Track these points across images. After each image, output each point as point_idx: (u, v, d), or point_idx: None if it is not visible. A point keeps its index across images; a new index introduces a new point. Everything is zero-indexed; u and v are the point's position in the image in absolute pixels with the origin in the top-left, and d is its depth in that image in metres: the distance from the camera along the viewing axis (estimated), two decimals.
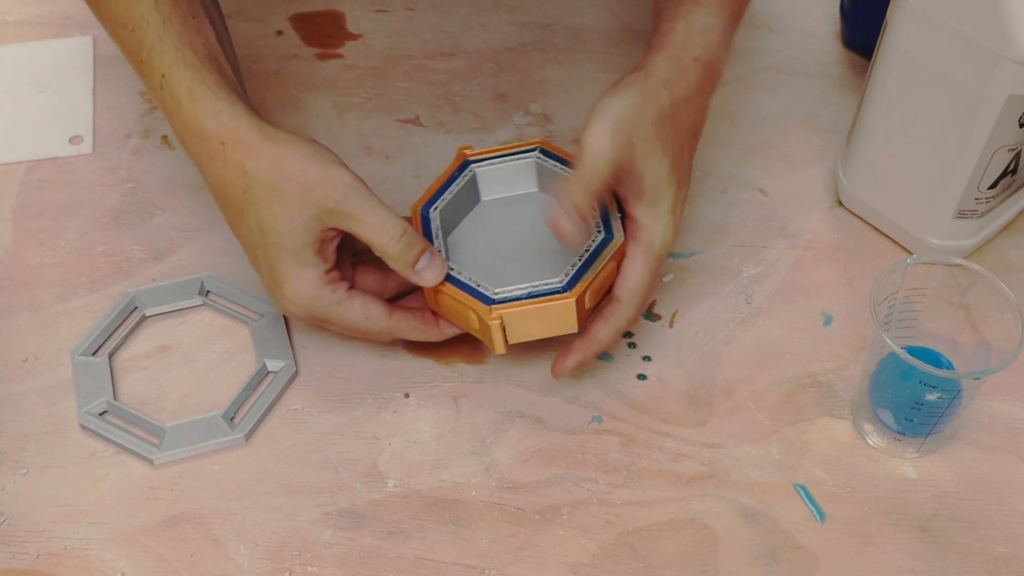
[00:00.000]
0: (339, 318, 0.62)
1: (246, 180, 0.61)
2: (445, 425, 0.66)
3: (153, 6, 0.63)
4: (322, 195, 0.60)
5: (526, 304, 0.61)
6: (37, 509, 0.62)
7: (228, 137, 0.61)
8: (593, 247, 0.63)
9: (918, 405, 0.61)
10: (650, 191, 0.62)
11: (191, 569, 0.60)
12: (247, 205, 0.61)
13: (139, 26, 0.62)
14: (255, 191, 0.60)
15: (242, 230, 0.62)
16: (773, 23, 0.89)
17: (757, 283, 0.73)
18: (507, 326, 0.61)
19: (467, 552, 0.61)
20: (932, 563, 0.61)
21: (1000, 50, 0.60)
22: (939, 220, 0.71)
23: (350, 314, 0.62)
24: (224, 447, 0.65)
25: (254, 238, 0.61)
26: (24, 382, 0.68)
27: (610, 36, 0.88)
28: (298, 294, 0.61)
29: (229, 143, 0.61)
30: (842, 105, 0.83)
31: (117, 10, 0.63)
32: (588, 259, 0.62)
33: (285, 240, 0.60)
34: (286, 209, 0.60)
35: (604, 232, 0.64)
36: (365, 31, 0.88)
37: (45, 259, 0.73)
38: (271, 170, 0.60)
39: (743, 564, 0.61)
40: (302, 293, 0.61)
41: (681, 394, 0.68)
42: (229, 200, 0.62)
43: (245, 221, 0.61)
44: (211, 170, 0.62)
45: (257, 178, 0.60)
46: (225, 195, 0.62)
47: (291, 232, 0.60)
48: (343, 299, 0.62)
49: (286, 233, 0.60)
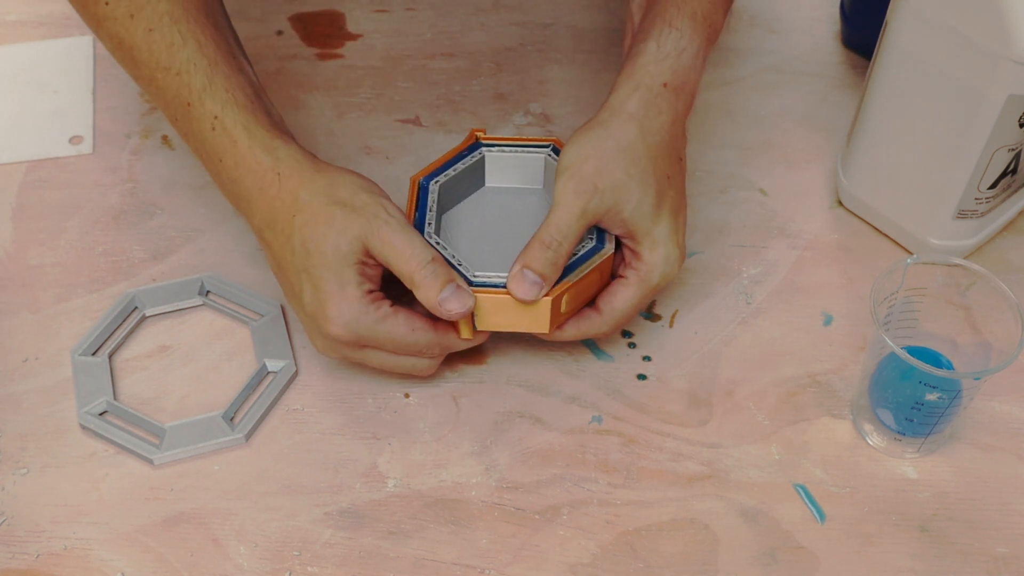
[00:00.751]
0: (385, 334, 0.61)
1: (296, 206, 0.61)
2: (445, 425, 0.66)
3: (198, 49, 0.64)
4: (365, 219, 0.61)
5: (502, 292, 0.61)
6: (37, 509, 0.62)
7: (284, 168, 0.62)
8: (581, 253, 0.63)
9: (918, 405, 0.61)
10: (639, 229, 0.63)
11: (191, 569, 0.60)
12: (295, 228, 0.61)
13: (185, 69, 0.64)
14: (304, 214, 0.61)
15: (285, 256, 0.62)
16: (773, 23, 0.90)
17: (757, 283, 0.73)
18: (477, 310, 0.62)
19: (467, 552, 0.61)
20: (932, 563, 0.61)
21: (1000, 50, 0.60)
22: (939, 220, 0.71)
23: (396, 329, 0.62)
24: (224, 447, 0.65)
25: (298, 261, 0.61)
26: (24, 382, 0.68)
27: (610, 36, 0.88)
28: (342, 313, 0.61)
29: (284, 174, 0.62)
30: (842, 105, 0.83)
31: (158, 55, 0.64)
32: (573, 264, 0.62)
33: (330, 259, 0.60)
34: (331, 229, 0.60)
35: (596, 241, 0.64)
36: (365, 31, 0.88)
37: (45, 259, 0.73)
38: (322, 194, 0.61)
39: (743, 564, 0.61)
40: (345, 312, 0.61)
41: (681, 394, 0.68)
42: (278, 227, 0.62)
43: (291, 245, 0.62)
44: (263, 201, 0.63)
45: (308, 202, 0.61)
46: (274, 222, 0.63)
47: (336, 250, 0.60)
48: (387, 315, 0.62)
49: (331, 252, 0.60)
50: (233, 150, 0.63)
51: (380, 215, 0.61)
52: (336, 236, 0.60)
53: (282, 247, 0.62)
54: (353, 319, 0.61)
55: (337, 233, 0.60)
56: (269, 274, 0.72)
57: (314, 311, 0.61)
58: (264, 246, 0.64)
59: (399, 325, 0.62)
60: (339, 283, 0.60)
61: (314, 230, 0.61)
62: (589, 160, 0.61)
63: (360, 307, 0.61)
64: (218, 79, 0.63)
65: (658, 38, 0.64)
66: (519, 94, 0.84)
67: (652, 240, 0.63)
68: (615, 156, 0.62)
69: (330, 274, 0.60)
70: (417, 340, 0.62)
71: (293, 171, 0.62)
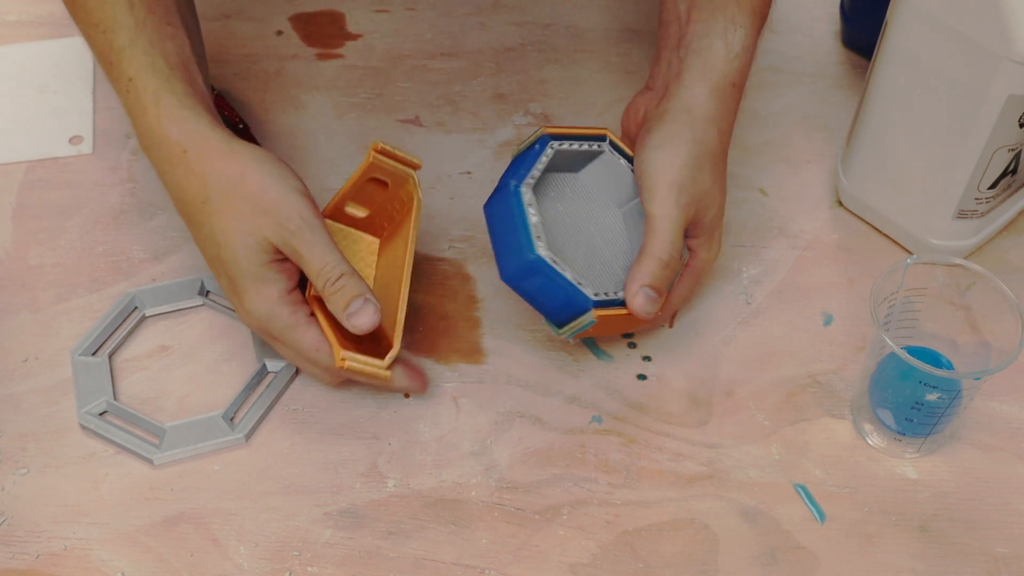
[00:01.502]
0: (292, 342, 0.61)
1: (205, 191, 0.60)
2: (445, 425, 0.66)
3: (127, 9, 0.62)
4: (275, 222, 0.59)
5: (619, 311, 0.62)
6: (37, 509, 0.62)
7: (191, 146, 0.60)
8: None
9: (918, 405, 0.61)
10: (708, 229, 0.65)
11: (191, 569, 0.60)
12: (205, 216, 0.60)
13: (111, 28, 0.62)
14: (213, 203, 0.60)
15: (200, 240, 0.62)
16: (773, 23, 0.90)
17: (757, 283, 0.73)
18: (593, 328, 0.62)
19: (467, 552, 0.61)
20: (932, 563, 0.61)
21: (1000, 50, 0.60)
22: (939, 220, 0.71)
23: (303, 341, 0.61)
24: (224, 447, 0.65)
25: (211, 250, 0.61)
26: (24, 382, 0.68)
27: (610, 36, 0.88)
28: (256, 308, 0.60)
29: (191, 152, 0.60)
30: (842, 105, 0.83)
31: (91, 11, 0.63)
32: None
33: (240, 257, 0.59)
34: (240, 226, 0.59)
35: None
36: (365, 31, 0.88)
37: (45, 259, 0.73)
38: (230, 185, 0.60)
39: (743, 564, 0.61)
40: (260, 308, 0.60)
41: (681, 394, 0.68)
42: (189, 209, 0.61)
43: (203, 232, 0.61)
44: (172, 178, 0.61)
45: (216, 190, 0.60)
46: (185, 203, 0.61)
47: (245, 250, 0.59)
48: (300, 323, 0.61)
49: (241, 251, 0.59)
50: (143, 117, 0.61)
51: (292, 219, 0.59)
52: (245, 236, 0.59)
53: (195, 231, 0.61)
54: (266, 317, 0.60)
55: (246, 233, 0.59)
56: None
57: (230, 296, 0.62)
58: (183, 220, 0.63)
59: (307, 339, 0.61)
60: (253, 279, 0.60)
61: (224, 223, 0.59)
62: (684, 169, 0.62)
63: (274, 308, 0.60)
64: (141, 42, 0.61)
65: (725, 36, 0.64)
66: (519, 94, 0.84)
67: (713, 240, 0.65)
68: (703, 163, 0.63)
69: (243, 271, 0.60)
70: (319, 361, 0.62)
71: (201, 150, 0.60)
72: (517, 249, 0.60)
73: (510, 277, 0.61)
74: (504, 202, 0.61)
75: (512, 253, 0.61)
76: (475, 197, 0.77)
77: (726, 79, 0.64)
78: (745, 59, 0.65)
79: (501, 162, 0.79)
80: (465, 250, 0.74)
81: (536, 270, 0.60)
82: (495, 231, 0.62)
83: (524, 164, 0.63)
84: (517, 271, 0.61)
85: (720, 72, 0.64)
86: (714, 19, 0.65)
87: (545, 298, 0.61)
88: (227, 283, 0.61)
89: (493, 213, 0.62)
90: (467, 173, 0.79)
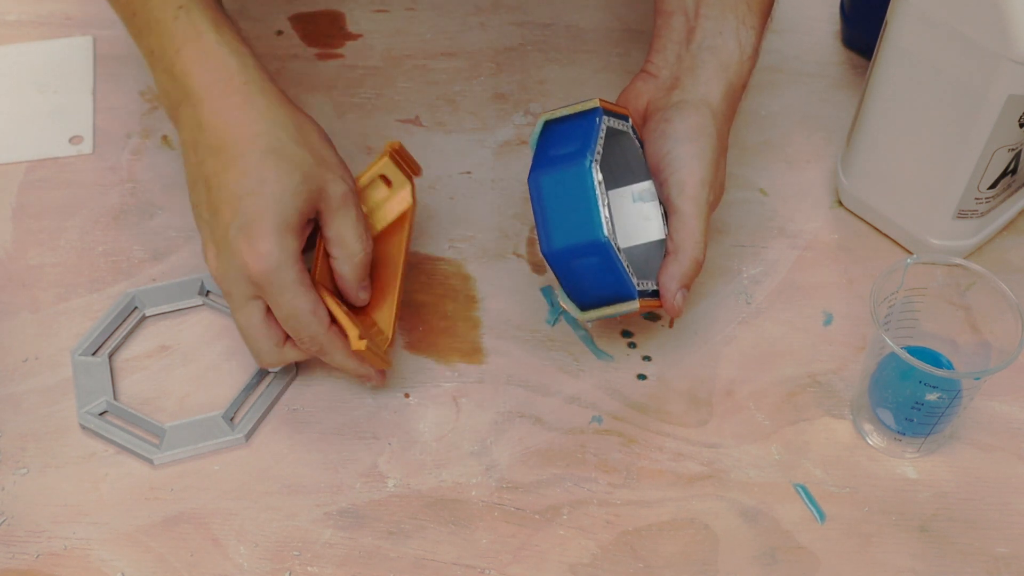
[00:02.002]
0: (292, 298, 0.59)
1: (264, 125, 0.58)
2: (445, 425, 0.66)
3: None
4: (333, 179, 0.59)
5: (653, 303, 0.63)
6: (37, 509, 0.62)
7: (252, 79, 0.59)
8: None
9: (918, 405, 0.61)
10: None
11: (191, 569, 0.60)
12: (255, 150, 0.58)
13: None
14: (269, 139, 0.58)
15: (232, 173, 0.58)
16: (773, 23, 0.89)
17: (757, 283, 0.73)
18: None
19: (467, 552, 0.61)
20: (932, 563, 0.61)
21: (1000, 50, 0.60)
22: (939, 220, 0.71)
23: (305, 300, 0.59)
24: (224, 447, 0.65)
25: (243, 184, 0.58)
26: (24, 382, 0.68)
27: (610, 36, 0.88)
28: (271, 255, 0.58)
29: (253, 85, 0.59)
30: (842, 105, 0.83)
31: None
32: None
33: (280, 200, 0.58)
34: (294, 173, 0.58)
35: None
36: (365, 31, 0.88)
37: (45, 259, 0.73)
38: (295, 129, 0.59)
39: (743, 564, 0.61)
40: (275, 255, 0.58)
41: (681, 394, 0.68)
42: (232, 138, 0.59)
43: (243, 165, 0.58)
44: (222, 105, 0.59)
45: (278, 127, 0.58)
46: (227, 133, 0.59)
47: (293, 195, 0.58)
48: (306, 283, 0.59)
49: (285, 195, 0.58)
50: (197, 42, 0.60)
51: (347, 180, 0.61)
52: (297, 183, 0.58)
53: (231, 161, 0.59)
54: (275, 266, 0.58)
55: (299, 180, 0.58)
56: None
57: (237, 240, 0.58)
58: (188, 147, 0.61)
59: (308, 300, 0.59)
60: (280, 227, 0.58)
61: (276, 162, 0.58)
62: (712, 166, 0.63)
63: (291, 260, 0.58)
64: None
65: (737, 36, 0.65)
66: (519, 94, 0.84)
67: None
68: (722, 161, 0.65)
69: (275, 215, 0.58)
70: (309, 324, 0.60)
71: (264, 88, 0.59)
72: (583, 227, 0.59)
73: (561, 252, 0.60)
74: (573, 177, 0.59)
75: (574, 229, 0.59)
76: (475, 197, 0.77)
77: (739, 79, 0.65)
78: (753, 61, 0.66)
79: (501, 162, 0.79)
80: (465, 250, 0.74)
81: (598, 251, 0.59)
82: (550, 203, 0.60)
83: (582, 136, 0.61)
84: (575, 248, 0.60)
85: (734, 72, 0.65)
86: (725, 17, 0.65)
87: (590, 279, 0.61)
88: (241, 223, 0.58)
89: (550, 184, 0.60)
90: (467, 173, 0.79)
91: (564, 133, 0.61)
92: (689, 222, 0.62)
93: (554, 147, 0.61)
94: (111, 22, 0.86)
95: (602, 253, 0.59)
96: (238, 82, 0.60)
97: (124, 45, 0.85)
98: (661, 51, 0.67)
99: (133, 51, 0.65)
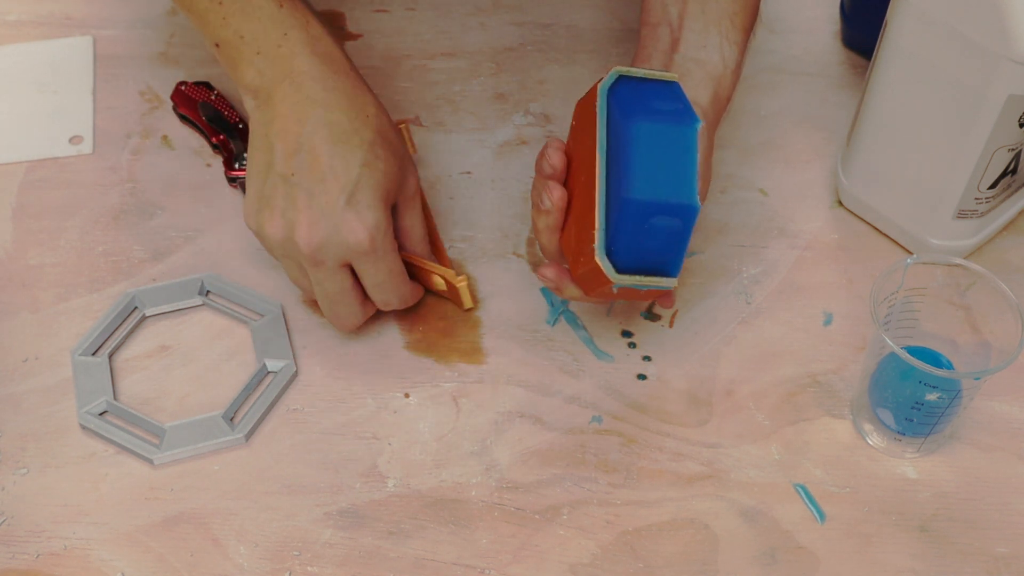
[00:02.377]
0: (389, 264, 0.64)
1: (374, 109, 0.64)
2: (445, 425, 0.66)
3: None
4: (413, 172, 0.66)
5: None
6: (37, 509, 0.62)
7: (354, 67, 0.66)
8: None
9: (918, 405, 0.61)
10: None
11: (191, 569, 0.60)
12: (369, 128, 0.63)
13: None
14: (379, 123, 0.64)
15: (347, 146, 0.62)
16: (773, 23, 0.89)
17: (757, 283, 0.73)
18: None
19: (467, 552, 0.61)
20: (932, 563, 0.61)
21: (1000, 50, 0.60)
22: (939, 220, 0.71)
23: (397, 265, 0.64)
24: (224, 447, 0.65)
25: (362, 157, 0.62)
26: (24, 382, 0.68)
27: (610, 36, 0.88)
28: (380, 223, 0.62)
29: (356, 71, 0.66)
30: (842, 105, 0.83)
31: None
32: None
33: (387, 176, 0.63)
34: (395, 158, 0.64)
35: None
36: (365, 31, 0.88)
37: (45, 259, 0.73)
38: (389, 121, 0.66)
39: (743, 564, 0.61)
40: (382, 224, 0.62)
41: (681, 394, 0.68)
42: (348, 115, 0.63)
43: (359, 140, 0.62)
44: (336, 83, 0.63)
45: (382, 114, 0.65)
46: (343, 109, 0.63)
47: (395, 177, 0.64)
48: (397, 250, 0.64)
49: (391, 174, 0.63)
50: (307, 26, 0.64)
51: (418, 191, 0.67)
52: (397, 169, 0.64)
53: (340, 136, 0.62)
54: (383, 233, 0.62)
55: (398, 167, 0.64)
56: (269, 274, 0.72)
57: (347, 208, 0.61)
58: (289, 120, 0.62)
59: (400, 264, 0.65)
60: (384, 200, 0.63)
61: (386, 147, 0.63)
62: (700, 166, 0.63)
63: (390, 229, 0.63)
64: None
65: (721, 51, 0.66)
66: (519, 94, 0.84)
67: None
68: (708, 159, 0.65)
69: (383, 189, 0.62)
70: (400, 284, 0.65)
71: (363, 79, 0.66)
72: (677, 187, 0.57)
73: (643, 205, 0.57)
74: (679, 134, 0.58)
75: (665, 187, 0.58)
76: (475, 197, 0.77)
77: (724, 91, 0.66)
78: (737, 75, 0.67)
79: (501, 162, 0.79)
80: (465, 250, 0.74)
81: (684, 215, 0.58)
82: (645, 153, 0.58)
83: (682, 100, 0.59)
84: (661, 205, 0.57)
85: (719, 83, 0.66)
86: (708, 32, 0.66)
87: (656, 242, 0.58)
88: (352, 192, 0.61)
89: (651, 134, 0.58)
90: (467, 173, 0.79)
91: (655, 92, 0.60)
92: None
93: (651, 101, 0.59)
94: (111, 22, 0.87)
95: (687, 219, 0.58)
96: (347, 67, 0.65)
97: (124, 45, 0.85)
98: (647, 60, 0.67)
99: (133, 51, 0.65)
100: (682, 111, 0.59)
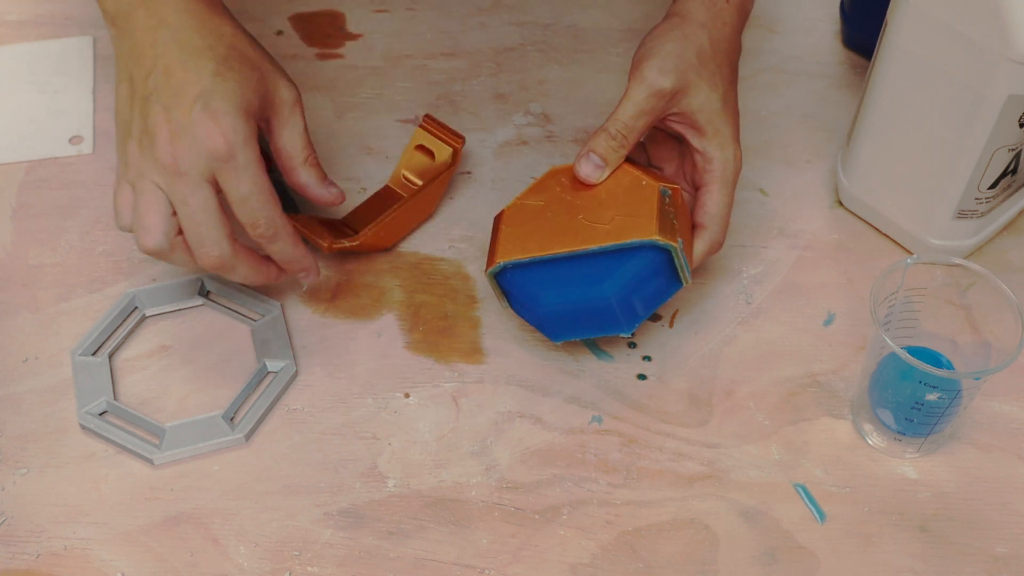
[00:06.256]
0: (250, 178, 0.61)
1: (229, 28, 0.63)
2: (445, 425, 0.66)
3: None
4: (286, 84, 0.65)
5: None
6: (37, 509, 0.62)
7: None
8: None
9: (918, 405, 0.61)
10: (708, 124, 0.66)
11: (191, 569, 0.60)
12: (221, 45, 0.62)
13: None
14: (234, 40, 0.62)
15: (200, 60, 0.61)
16: (773, 23, 0.90)
17: (757, 283, 0.73)
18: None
19: (467, 552, 0.61)
20: (932, 563, 0.61)
21: (1000, 50, 0.60)
22: (939, 220, 0.71)
23: (261, 180, 0.61)
24: (224, 447, 0.65)
25: (213, 68, 0.61)
26: (24, 382, 0.68)
27: (610, 36, 0.88)
28: (236, 130, 0.60)
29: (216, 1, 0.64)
30: (842, 105, 0.83)
31: None
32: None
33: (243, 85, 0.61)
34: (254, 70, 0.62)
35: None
36: (365, 31, 0.88)
37: (45, 259, 0.73)
38: (250, 41, 0.64)
39: (743, 564, 0.61)
40: (240, 132, 0.60)
41: (681, 394, 0.68)
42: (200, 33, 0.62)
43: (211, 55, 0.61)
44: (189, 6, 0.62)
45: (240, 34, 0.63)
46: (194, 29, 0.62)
47: (255, 87, 0.62)
48: (262, 166, 0.61)
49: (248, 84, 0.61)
50: None
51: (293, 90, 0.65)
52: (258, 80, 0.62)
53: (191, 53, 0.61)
54: (241, 142, 0.60)
55: (259, 79, 0.62)
56: None
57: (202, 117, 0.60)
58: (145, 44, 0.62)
59: (265, 180, 0.61)
60: (241, 107, 0.61)
61: (242, 60, 0.62)
62: (661, 58, 0.64)
63: (251, 139, 0.61)
64: None
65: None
66: (519, 94, 0.84)
67: (721, 138, 0.66)
68: (686, 56, 0.65)
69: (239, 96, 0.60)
70: (266, 204, 0.62)
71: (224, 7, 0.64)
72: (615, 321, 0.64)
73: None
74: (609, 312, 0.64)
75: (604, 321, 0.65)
76: (475, 197, 0.77)
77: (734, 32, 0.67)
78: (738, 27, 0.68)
79: (501, 162, 0.79)
80: (465, 250, 0.74)
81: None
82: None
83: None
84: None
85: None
86: None
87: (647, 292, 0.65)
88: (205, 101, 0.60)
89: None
90: (467, 173, 0.79)
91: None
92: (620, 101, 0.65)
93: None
94: None
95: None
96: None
97: None
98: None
99: None
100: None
